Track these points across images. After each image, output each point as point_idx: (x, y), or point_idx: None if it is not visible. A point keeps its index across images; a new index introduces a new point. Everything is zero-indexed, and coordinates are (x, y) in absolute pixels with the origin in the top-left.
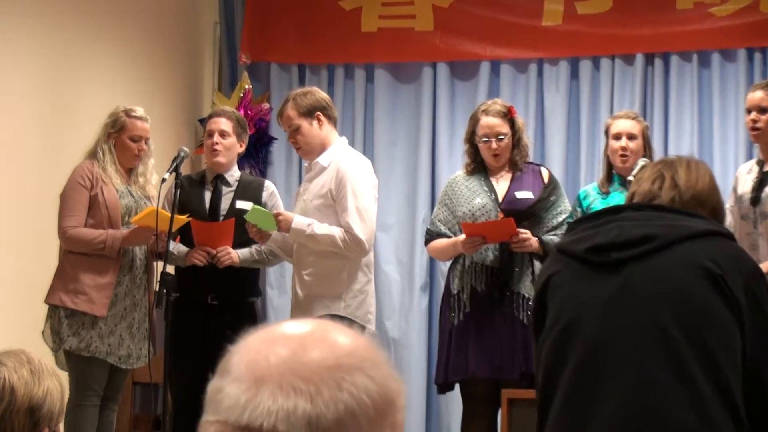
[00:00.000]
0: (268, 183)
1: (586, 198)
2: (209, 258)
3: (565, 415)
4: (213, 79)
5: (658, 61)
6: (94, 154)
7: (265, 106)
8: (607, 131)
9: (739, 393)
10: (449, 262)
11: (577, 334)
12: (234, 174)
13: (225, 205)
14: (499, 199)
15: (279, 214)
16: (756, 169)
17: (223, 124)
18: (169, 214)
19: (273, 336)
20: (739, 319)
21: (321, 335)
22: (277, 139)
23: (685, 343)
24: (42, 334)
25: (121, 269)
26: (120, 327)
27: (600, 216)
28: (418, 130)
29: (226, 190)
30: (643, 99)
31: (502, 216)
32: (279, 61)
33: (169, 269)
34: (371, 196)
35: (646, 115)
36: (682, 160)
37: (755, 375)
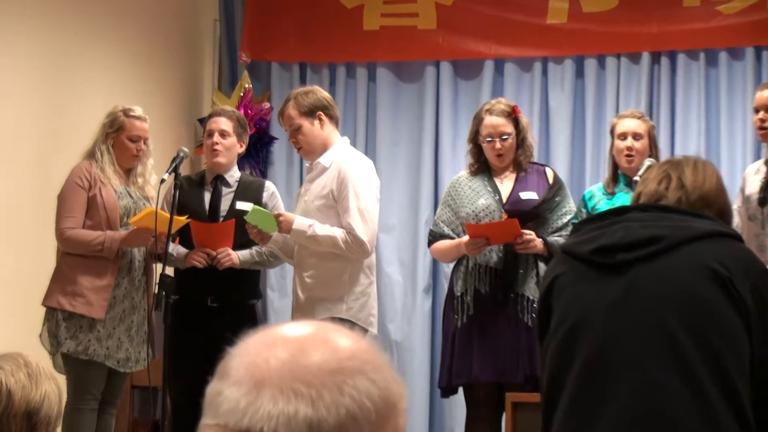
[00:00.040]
0: (268, 183)
1: (591, 198)
2: (209, 260)
3: (570, 417)
4: (213, 78)
5: (664, 60)
6: (92, 154)
7: (266, 105)
8: (612, 131)
9: (746, 396)
10: (452, 264)
11: (582, 337)
12: (234, 174)
13: (225, 205)
14: (503, 200)
15: (280, 215)
16: (764, 169)
17: (223, 124)
18: (168, 215)
19: (273, 338)
20: (746, 322)
21: (322, 338)
22: (277, 139)
23: (692, 346)
24: (39, 336)
25: (120, 271)
26: (118, 330)
27: (605, 217)
28: (420, 130)
29: (226, 190)
30: (649, 98)
31: (506, 217)
32: (280, 59)
33: (168, 271)
34: (373, 196)
35: (652, 114)
36: (689, 160)
37: (763, 377)
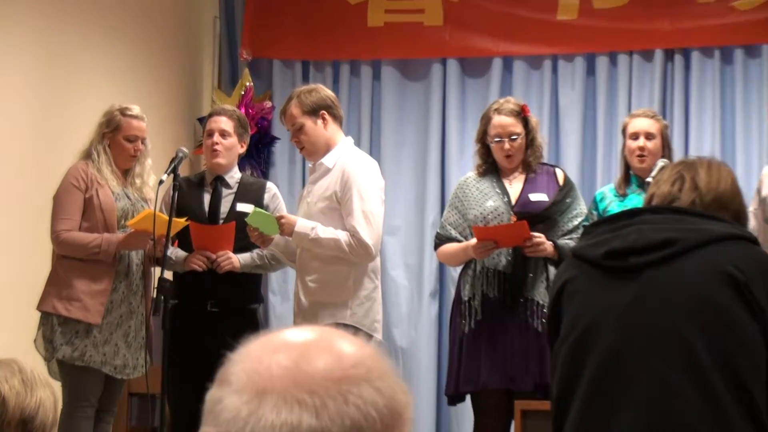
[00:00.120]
0: (270, 185)
1: (602, 200)
2: (209, 263)
3: (582, 424)
4: (213, 76)
5: (678, 57)
6: (88, 154)
7: (267, 104)
8: (624, 130)
9: (761, 401)
10: (460, 268)
11: (594, 343)
12: (234, 175)
13: (225, 207)
14: (512, 202)
15: (281, 217)
16: None
17: (224, 124)
18: (167, 217)
19: (275, 344)
20: (762, 326)
21: (325, 344)
22: (279, 138)
23: (706, 351)
24: (34, 342)
25: (117, 275)
26: (115, 335)
27: (617, 219)
28: (426, 130)
29: (226, 192)
30: (662, 97)
31: (515, 219)
32: (281, 57)
33: (167, 275)
34: (378, 198)
35: (665, 113)
36: (703, 161)
37: None
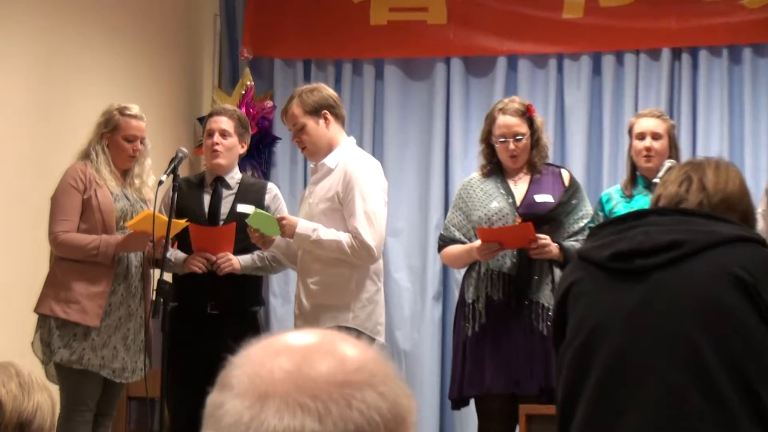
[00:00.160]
0: (271, 185)
1: (608, 201)
2: (208, 265)
3: (588, 428)
4: (213, 75)
5: (685, 56)
6: (87, 154)
7: (268, 103)
8: (630, 130)
9: None
10: (464, 270)
11: (599, 346)
12: (235, 176)
13: (225, 208)
14: (517, 203)
15: (282, 218)
16: None
17: (224, 123)
18: (167, 218)
19: (276, 347)
20: None
21: (328, 347)
22: (280, 138)
23: (713, 353)
24: (31, 345)
25: (116, 277)
26: (114, 338)
27: (624, 221)
28: (430, 130)
29: (226, 192)
30: (669, 96)
31: (519, 221)
32: (283, 56)
33: (166, 277)
34: (380, 199)
35: (672, 113)
36: (711, 161)
37: None
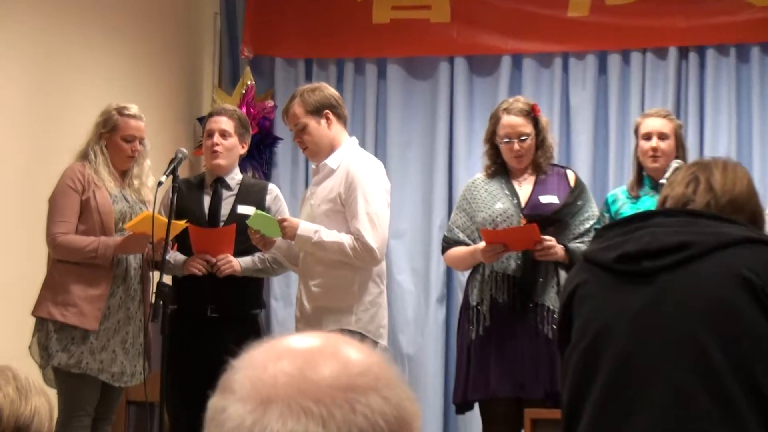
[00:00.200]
0: (272, 186)
1: (614, 202)
2: (208, 267)
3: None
4: (213, 74)
5: (692, 55)
6: (85, 155)
7: (269, 103)
8: (636, 130)
9: None
10: (468, 272)
11: (606, 348)
12: (235, 177)
13: (225, 210)
14: (522, 204)
15: (284, 220)
16: None
17: (224, 124)
18: (166, 219)
19: (279, 350)
20: None
21: (331, 350)
22: (282, 139)
23: (722, 355)
24: (29, 348)
25: (115, 280)
26: (113, 342)
27: (630, 222)
28: (433, 130)
29: (226, 194)
30: (676, 96)
31: (524, 222)
32: (284, 55)
33: (165, 279)
34: (383, 200)
35: (679, 113)
36: (718, 162)
37: None
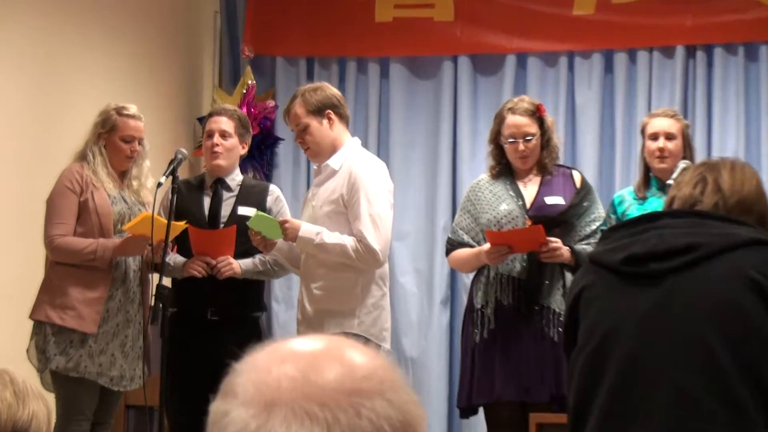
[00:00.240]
0: (273, 187)
1: (621, 203)
2: (208, 269)
3: None
4: (213, 74)
5: (700, 54)
6: (83, 156)
7: (270, 103)
8: (643, 131)
9: None
10: (472, 274)
11: (612, 351)
12: (236, 178)
13: (226, 211)
14: (527, 205)
15: (285, 221)
16: None
17: (224, 124)
18: (166, 220)
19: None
20: None
21: (335, 354)
22: (283, 139)
23: (730, 358)
24: (26, 352)
25: (113, 282)
26: (112, 345)
27: (637, 223)
28: (437, 130)
29: (227, 195)
30: (683, 95)
31: (530, 223)
32: (285, 54)
33: (165, 282)
34: (386, 202)
35: (686, 112)
36: (726, 162)
37: None
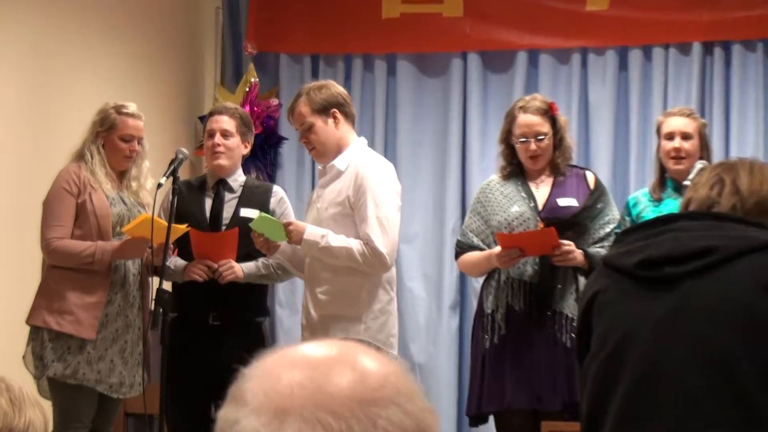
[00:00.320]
0: (276, 188)
1: (636, 205)
2: (210, 273)
3: None
4: (215, 72)
5: (717, 51)
6: (81, 156)
7: (274, 101)
8: (658, 130)
9: None
10: (482, 278)
11: (626, 358)
12: (238, 178)
13: (228, 213)
14: (539, 207)
15: (289, 223)
16: None
17: (225, 123)
18: (166, 223)
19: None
20: None
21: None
22: (287, 139)
23: (748, 365)
24: (23, 358)
25: (112, 286)
26: (111, 351)
27: (652, 226)
28: (446, 129)
29: (229, 196)
30: (700, 93)
31: (542, 226)
32: (289, 51)
33: (165, 286)
34: (394, 204)
35: (703, 111)
36: (745, 162)
37: None
